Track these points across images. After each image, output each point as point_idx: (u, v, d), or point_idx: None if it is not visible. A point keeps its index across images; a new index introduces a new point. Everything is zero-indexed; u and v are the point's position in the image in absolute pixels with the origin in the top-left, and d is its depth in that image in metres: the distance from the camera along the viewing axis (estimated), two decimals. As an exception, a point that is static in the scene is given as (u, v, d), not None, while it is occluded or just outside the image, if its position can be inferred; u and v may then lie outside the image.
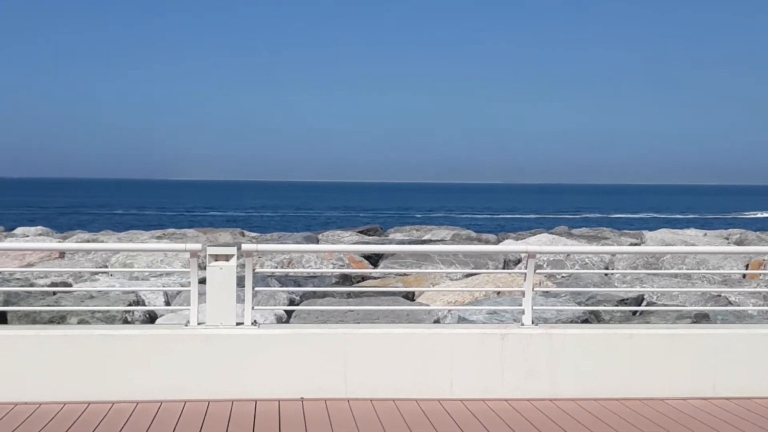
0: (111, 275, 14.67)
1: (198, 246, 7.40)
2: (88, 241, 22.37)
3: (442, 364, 7.46)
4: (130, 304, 10.88)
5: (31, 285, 12.82)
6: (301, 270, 15.12)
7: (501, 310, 10.25)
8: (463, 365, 7.48)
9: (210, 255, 7.31)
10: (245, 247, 7.37)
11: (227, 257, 7.31)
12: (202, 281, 7.51)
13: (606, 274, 14.50)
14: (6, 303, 11.30)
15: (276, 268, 15.66)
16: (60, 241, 21.91)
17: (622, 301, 11.63)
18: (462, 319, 10.55)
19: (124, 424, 6.55)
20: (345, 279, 14.83)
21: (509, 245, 18.60)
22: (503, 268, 15.99)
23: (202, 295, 7.53)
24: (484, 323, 9.65)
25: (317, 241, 21.75)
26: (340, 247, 11.63)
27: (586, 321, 10.61)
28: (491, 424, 6.76)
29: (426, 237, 23.78)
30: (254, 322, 7.50)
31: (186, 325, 7.42)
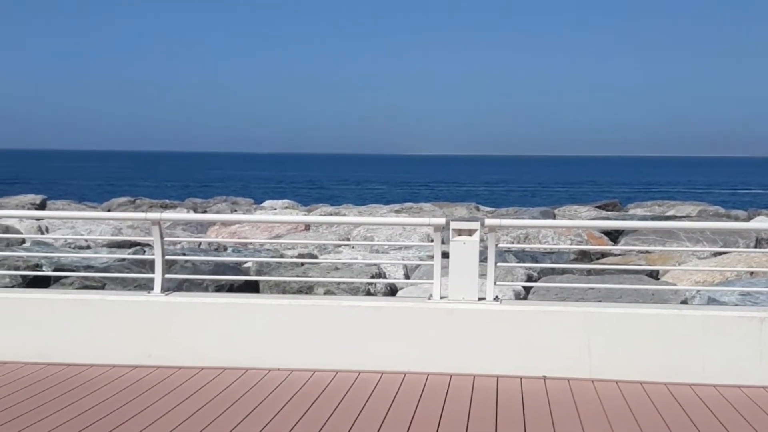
0: (353, 248, 15.14)
1: (442, 221, 7.42)
2: (330, 215, 23.25)
3: (693, 347, 7.09)
4: (372, 277, 11.17)
5: (281, 256, 13.47)
6: (539, 246, 14.91)
7: (756, 292, 9.62)
8: (716, 349, 7.07)
9: (453, 229, 7.31)
10: (488, 221, 7.31)
11: (470, 232, 7.29)
12: (443, 255, 7.55)
13: None
14: (259, 273, 11.94)
15: (512, 243, 15.56)
16: (305, 214, 22.91)
17: None
18: (711, 300, 10.01)
19: (371, 394, 6.71)
20: (584, 255, 14.51)
21: (763, 222, 17.45)
22: (755, 247, 15.05)
23: (443, 269, 7.57)
24: (737, 305, 9.10)
25: (554, 216, 21.41)
26: (582, 223, 11.29)
27: None
28: (747, 412, 6.35)
29: (669, 213, 22.82)
30: (496, 298, 7.45)
31: (429, 299, 7.49)
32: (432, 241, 15.88)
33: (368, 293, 10.85)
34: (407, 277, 12.38)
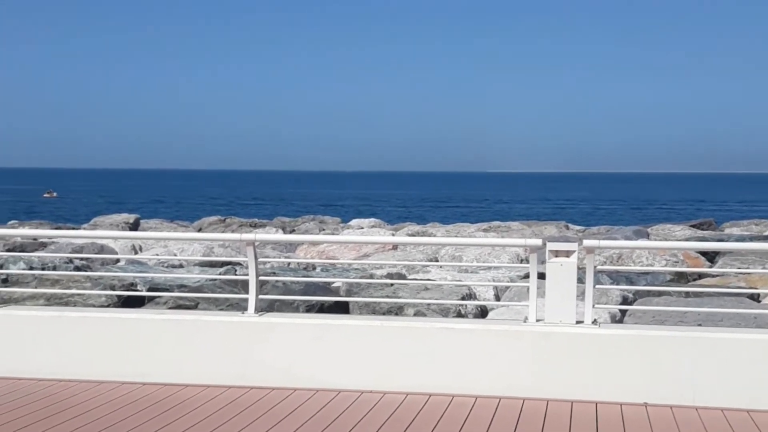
0: (441, 267, 15.00)
1: (538, 242, 7.26)
2: (417, 233, 23.16)
3: None
4: (463, 298, 11.01)
5: (370, 276, 13.42)
6: (632, 268, 14.53)
7: None
8: None
9: (550, 251, 7.14)
10: (587, 243, 7.12)
11: (568, 253, 7.11)
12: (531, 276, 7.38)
13: None
14: (348, 292, 11.91)
15: (605, 263, 15.19)
16: (392, 233, 22.87)
17: None
18: (818, 325, 9.58)
19: (465, 420, 6.57)
20: (680, 276, 14.07)
21: None
22: None
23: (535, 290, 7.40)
24: None
25: (647, 236, 20.91)
26: (683, 245, 10.96)
27: None
28: None
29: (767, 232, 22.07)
30: (594, 321, 7.24)
31: (524, 322, 7.33)
32: (522, 261, 15.68)
33: (459, 314, 10.70)
34: (497, 298, 12.18)
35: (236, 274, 12.44)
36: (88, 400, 7.09)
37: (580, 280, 7.30)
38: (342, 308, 10.99)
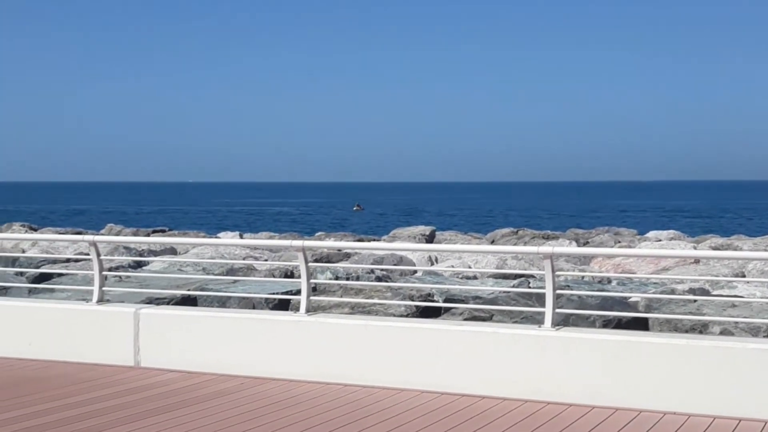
0: (749, 283, 14.06)
1: None
2: (721, 246, 21.94)
3: None
4: (775, 316, 10.24)
5: (671, 291, 12.85)
6: None
7: None
8: None
9: None
10: None
11: None
12: None
13: None
14: (648, 308, 11.47)
15: None
16: (694, 246, 21.82)
17: None
18: None
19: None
20: None
21: None
22: None
23: None
24: None
25: None
26: None
27: None
28: None
29: None
30: None
31: None
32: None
33: (773, 334, 9.94)
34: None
35: (529, 287, 12.39)
36: (390, 407, 7.31)
37: None
38: (641, 324, 10.60)
